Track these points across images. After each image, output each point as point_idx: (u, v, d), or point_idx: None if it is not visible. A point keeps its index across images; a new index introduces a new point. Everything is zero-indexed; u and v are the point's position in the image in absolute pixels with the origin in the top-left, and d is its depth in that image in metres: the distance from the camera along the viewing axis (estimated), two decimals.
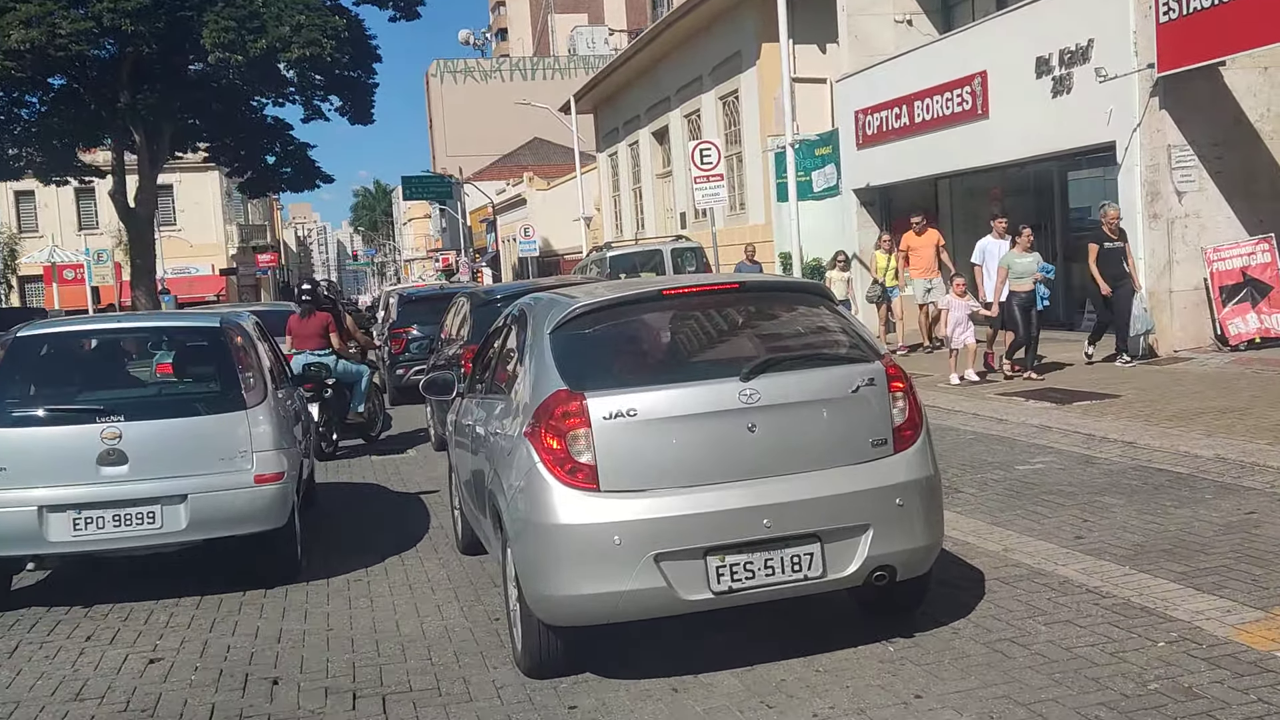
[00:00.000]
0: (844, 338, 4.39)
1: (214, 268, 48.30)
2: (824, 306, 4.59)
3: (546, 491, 3.93)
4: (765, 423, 3.95)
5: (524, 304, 5.00)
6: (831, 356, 4.30)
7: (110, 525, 5.41)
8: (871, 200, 17.81)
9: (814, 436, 4.02)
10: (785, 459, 3.96)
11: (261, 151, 33.91)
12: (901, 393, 4.16)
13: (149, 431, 5.54)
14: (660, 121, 26.60)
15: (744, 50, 21.04)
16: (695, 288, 4.72)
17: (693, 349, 4.63)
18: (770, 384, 3.99)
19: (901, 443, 4.12)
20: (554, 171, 47.35)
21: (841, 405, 4.07)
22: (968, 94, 14.35)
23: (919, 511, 4.10)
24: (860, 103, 17.14)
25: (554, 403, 3.98)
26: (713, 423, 3.94)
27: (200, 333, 6.45)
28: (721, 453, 3.93)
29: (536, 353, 4.29)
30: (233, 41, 26.47)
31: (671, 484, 3.87)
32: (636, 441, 3.90)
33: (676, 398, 3.96)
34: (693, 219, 24.58)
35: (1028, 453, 7.82)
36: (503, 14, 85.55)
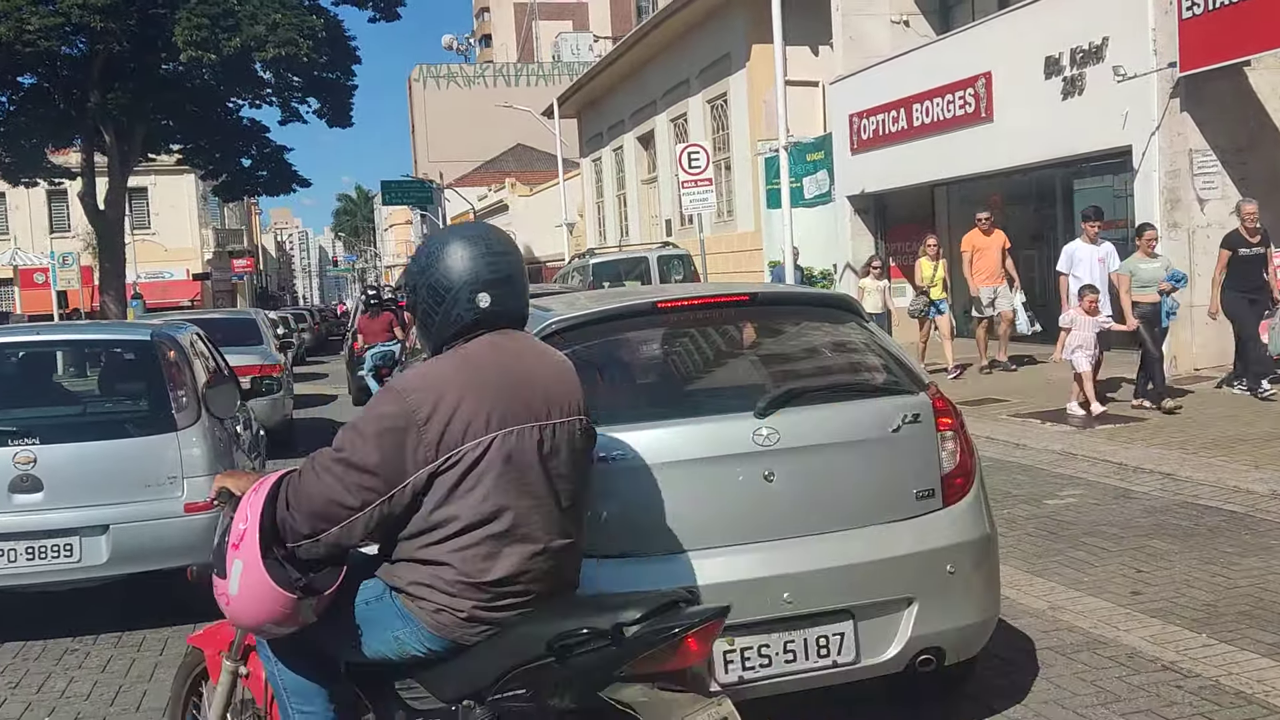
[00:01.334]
0: (880, 363, 3.57)
1: (188, 272, 47.25)
2: (853, 323, 3.71)
3: None
4: (785, 470, 3.17)
5: None
6: (866, 387, 3.50)
7: (23, 558, 4.91)
8: (866, 208, 17.11)
9: (846, 487, 3.24)
10: (810, 516, 3.20)
11: (237, 154, 33.13)
12: (951, 431, 3.36)
13: (67, 455, 5.02)
14: (646, 126, 25.87)
15: (733, 52, 20.34)
16: (697, 299, 3.75)
17: (694, 376, 3.77)
18: (792, 421, 3.20)
19: (952, 494, 3.33)
20: (537, 178, 46.62)
21: (879, 448, 3.28)
22: (971, 96, 13.66)
23: (974, 580, 3.32)
24: (855, 106, 16.44)
25: None
26: (719, 470, 3.16)
27: (128, 346, 5.85)
28: (730, 508, 3.15)
29: None
30: (206, 40, 25.74)
31: (665, 548, 3.09)
32: (626, 493, 3.10)
33: (673, 438, 3.18)
34: (679, 226, 23.83)
35: (1054, 484, 7.07)
36: (487, 20, 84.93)
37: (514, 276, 2.52)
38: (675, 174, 24.08)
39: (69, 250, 30.13)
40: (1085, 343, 9.15)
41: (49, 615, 5.35)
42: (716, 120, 21.77)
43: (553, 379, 2.49)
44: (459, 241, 2.50)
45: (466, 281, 2.44)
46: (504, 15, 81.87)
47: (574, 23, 75.98)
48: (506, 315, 2.50)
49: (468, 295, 2.44)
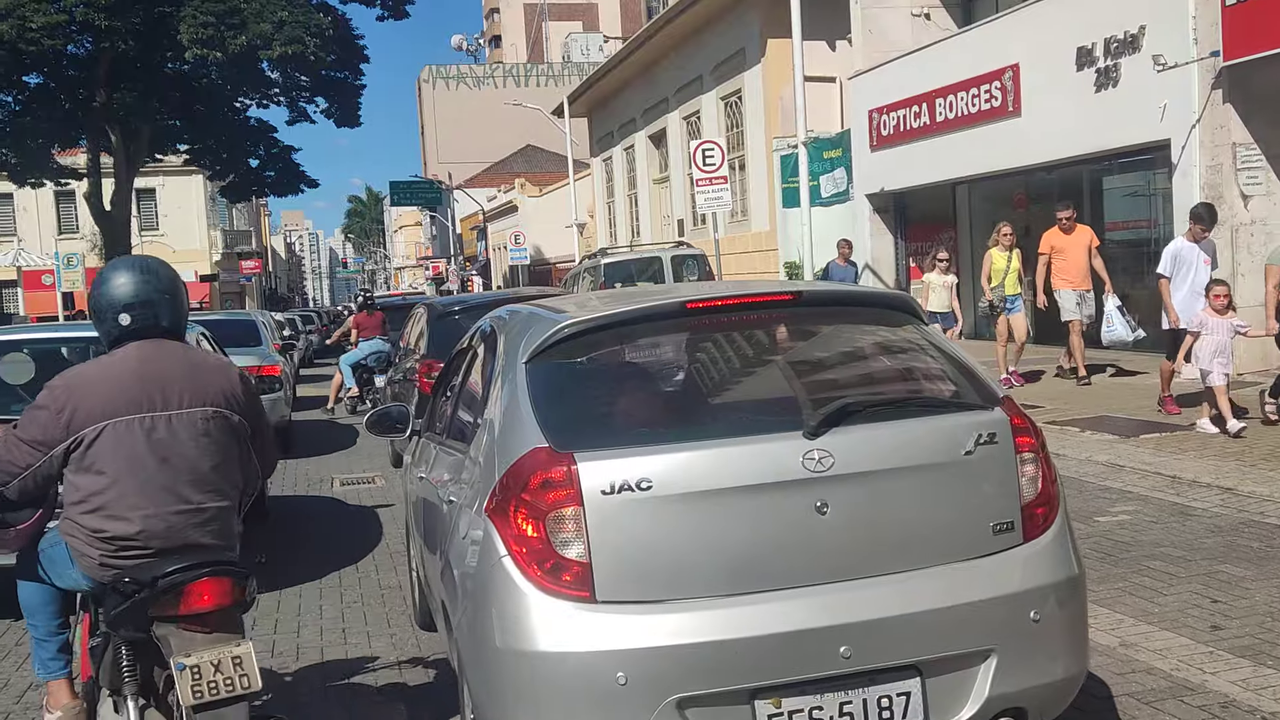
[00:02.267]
0: (947, 373, 3.12)
1: (197, 274, 46.93)
2: (913, 326, 3.25)
3: (515, 600, 2.69)
4: (841, 500, 2.73)
5: (495, 319, 3.68)
6: (933, 401, 3.05)
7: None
8: (885, 206, 16.63)
9: (911, 520, 2.79)
10: (870, 555, 2.75)
11: (245, 154, 32.83)
12: (1031, 453, 2.91)
13: None
14: (658, 124, 25.42)
15: (748, 48, 19.86)
16: (733, 299, 3.27)
17: (730, 390, 3.30)
18: (848, 442, 2.75)
19: (1034, 527, 2.88)
20: (546, 179, 46.20)
21: (950, 474, 2.83)
22: (997, 89, 13.17)
23: (1061, 628, 2.85)
24: (875, 101, 15.96)
25: (528, 467, 2.74)
26: (764, 500, 2.71)
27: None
28: (777, 545, 2.71)
29: (506, 391, 3.03)
30: (211, 38, 25.44)
31: (703, 592, 2.66)
32: (650, 528, 2.67)
33: (710, 463, 2.73)
34: (691, 226, 23.37)
35: (1105, 499, 6.57)
36: (496, 21, 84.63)
37: (154, 300, 3.05)
38: (688, 173, 23.69)
39: (72, 251, 29.72)
40: (1221, 349, 7.78)
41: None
42: (730, 118, 21.30)
43: (184, 379, 3.03)
44: (110, 272, 3.10)
45: (110, 304, 3.03)
46: (514, 16, 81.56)
47: (584, 23, 75.67)
48: (153, 329, 3.05)
49: (112, 316, 3.03)
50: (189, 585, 2.86)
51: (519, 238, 34.32)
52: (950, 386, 3.09)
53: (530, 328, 3.16)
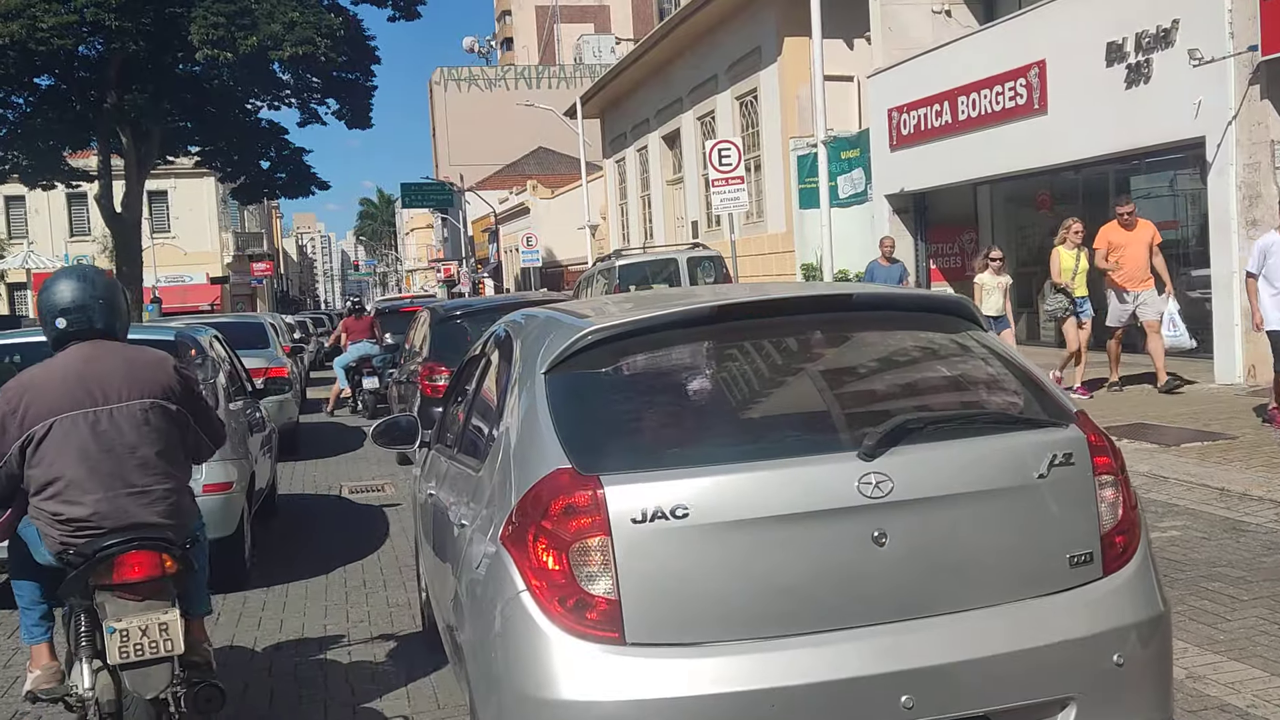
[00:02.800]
0: (1013, 385, 2.84)
1: (208, 276, 46.91)
2: (971, 333, 2.96)
3: (535, 641, 2.43)
4: (902, 529, 2.45)
5: (510, 323, 3.43)
6: (1001, 417, 2.76)
7: None
8: (905, 207, 16.29)
9: (980, 552, 2.51)
10: (935, 591, 2.47)
11: (255, 156, 32.67)
12: (1110, 475, 2.65)
13: None
14: (671, 125, 25.13)
15: (764, 46, 19.56)
16: (775, 302, 3.01)
17: (776, 403, 2.93)
18: (909, 464, 2.48)
19: (1115, 558, 2.61)
20: (558, 181, 46.00)
21: (1022, 499, 2.56)
22: (1022, 86, 12.83)
23: (1146, 672, 2.58)
24: (895, 100, 15.63)
25: (549, 491, 2.47)
26: (816, 530, 2.44)
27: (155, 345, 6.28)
28: (831, 581, 2.44)
29: (524, 404, 2.76)
30: (222, 38, 25.30)
31: (746, 634, 2.39)
32: (687, 561, 2.40)
33: (754, 487, 2.45)
34: (705, 228, 23.07)
35: (1151, 513, 6.23)
36: (508, 23, 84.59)
37: (89, 305, 3.32)
38: (702, 174, 23.41)
39: (82, 253, 29.59)
40: None
41: None
42: (746, 117, 21.00)
43: (121, 375, 3.30)
44: (50, 281, 3.39)
45: (49, 309, 3.32)
46: (525, 18, 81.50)
47: (596, 25, 75.54)
48: (89, 331, 3.33)
49: (51, 319, 3.32)
50: (121, 557, 3.20)
51: (531, 240, 34.08)
52: (1017, 400, 2.81)
53: (550, 334, 2.90)
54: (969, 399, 2.91)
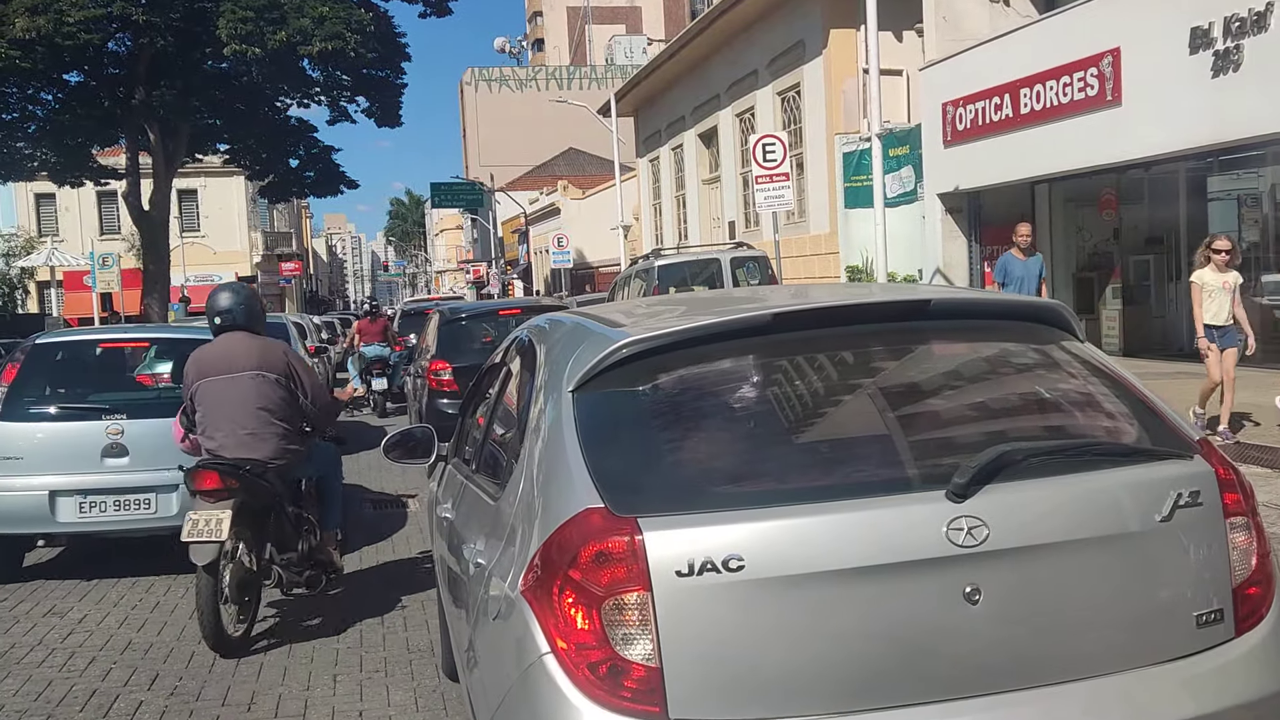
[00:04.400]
0: (1123, 409, 2.43)
1: (237, 276, 46.68)
2: (1071, 348, 2.56)
3: (560, 715, 2.04)
4: (999, 584, 2.08)
5: (534, 329, 3.03)
6: (1113, 449, 2.34)
7: (111, 509, 6.18)
8: (958, 206, 15.44)
9: (1092, 611, 2.14)
10: (1038, 658, 2.09)
11: (284, 154, 32.37)
12: (1243, 518, 2.27)
13: (148, 429, 6.22)
14: (708, 122, 24.37)
15: (807, 39, 18.76)
16: (840, 308, 2.60)
17: (843, 431, 2.45)
18: (1007, 505, 2.10)
19: (1248, 615, 2.23)
20: (589, 183, 45.41)
21: (1142, 545, 2.18)
22: (1093, 77, 11.97)
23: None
24: (950, 93, 14.78)
25: (579, 536, 2.09)
26: (896, 586, 2.06)
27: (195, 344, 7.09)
28: (913, 647, 2.05)
29: (548, 427, 2.36)
30: (250, 33, 24.94)
31: (812, 709, 2.01)
32: (741, 621, 2.03)
33: (821, 534, 2.06)
34: (743, 228, 22.31)
35: None
36: (539, 24, 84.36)
37: (234, 309, 5.21)
38: (739, 173, 22.65)
39: (107, 251, 29.30)
40: None
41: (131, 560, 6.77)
42: (788, 113, 20.20)
43: (248, 355, 5.11)
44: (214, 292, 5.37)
45: (211, 311, 5.27)
46: (556, 19, 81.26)
47: (627, 26, 75.14)
48: (233, 326, 5.21)
49: (212, 317, 5.26)
50: (198, 472, 4.87)
51: (562, 240, 33.46)
52: (1130, 427, 2.41)
53: (579, 345, 2.51)
54: (1072, 426, 2.48)
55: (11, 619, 5.68)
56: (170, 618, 5.57)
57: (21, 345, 6.94)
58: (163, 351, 7.45)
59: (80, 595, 6.10)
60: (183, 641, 5.16)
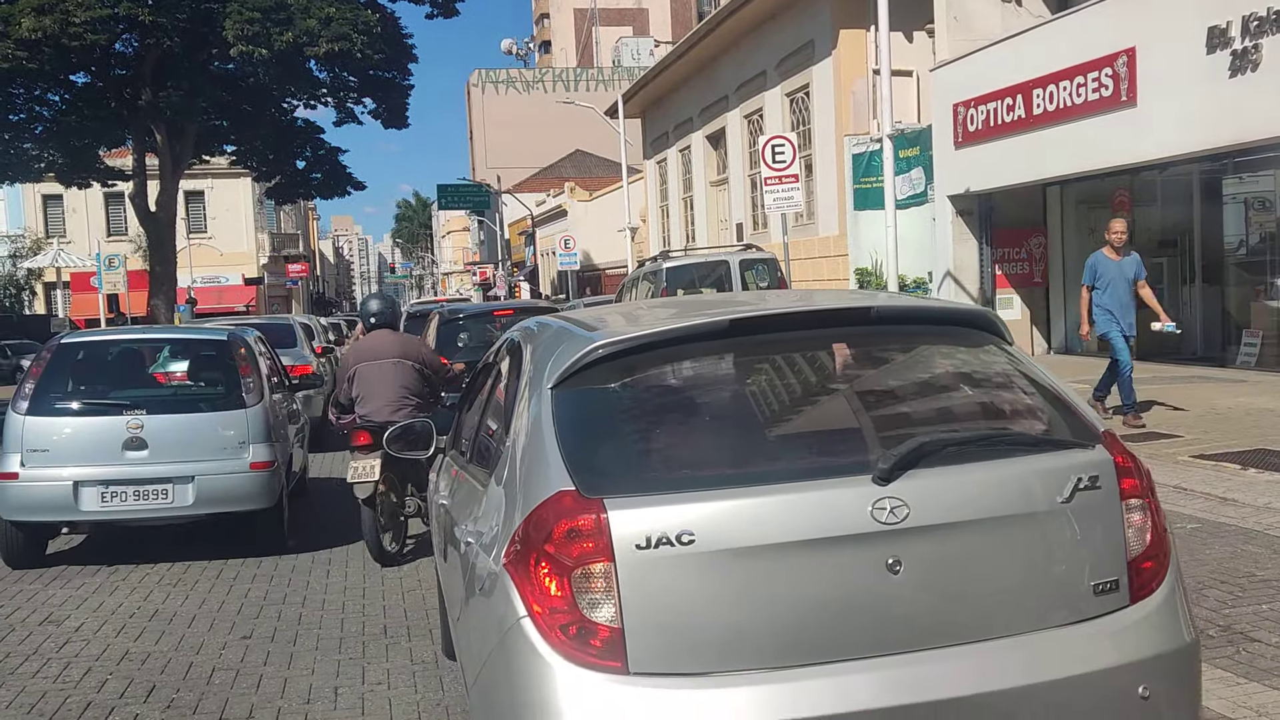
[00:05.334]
0: (1038, 404, 2.73)
1: (243, 277, 46.64)
2: (997, 349, 2.84)
3: (535, 669, 2.35)
4: (918, 556, 2.38)
5: (523, 330, 3.34)
6: (1024, 439, 2.66)
7: (131, 499, 6.53)
8: (970, 209, 15.29)
9: (1000, 580, 2.43)
10: (951, 621, 2.39)
11: (291, 155, 32.30)
12: (1138, 499, 2.56)
13: (166, 424, 6.65)
14: (716, 124, 24.25)
15: (817, 39, 18.63)
16: (790, 315, 2.89)
17: (790, 424, 2.83)
18: (926, 488, 2.40)
19: (1142, 585, 2.51)
20: (596, 184, 45.28)
21: (1045, 524, 2.48)
22: (1108, 77, 11.82)
23: (1173, 707, 2.47)
24: (961, 94, 14.65)
25: (553, 514, 2.40)
26: (827, 558, 2.36)
27: (210, 344, 7.67)
28: (842, 611, 2.36)
29: (530, 419, 2.66)
30: (257, 34, 24.90)
31: (753, 664, 2.32)
32: (693, 588, 2.33)
33: (764, 513, 2.37)
34: (751, 230, 22.18)
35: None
36: (546, 26, 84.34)
37: (383, 311, 6.96)
38: (747, 174, 22.51)
39: (113, 252, 29.28)
40: None
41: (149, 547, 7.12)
42: (797, 114, 20.07)
43: (392, 346, 6.68)
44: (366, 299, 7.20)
45: (364, 314, 7.05)
46: (564, 21, 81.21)
47: (634, 28, 75.03)
48: (382, 324, 6.90)
49: (366, 318, 6.99)
50: (355, 432, 6.51)
51: (569, 242, 33.33)
52: (1043, 420, 2.70)
53: (559, 346, 2.79)
54: (991, 419, 2.82)
55: (7, 627, 5.56)
56: (168, 626, 5.45)
57: (47, 344, 7.25)
58: (178, 351, 7.90)
59: (78, 603, 5.99)
60: (180, 651, 5.04)
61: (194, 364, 7.70)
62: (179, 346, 7.94)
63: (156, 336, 8.59)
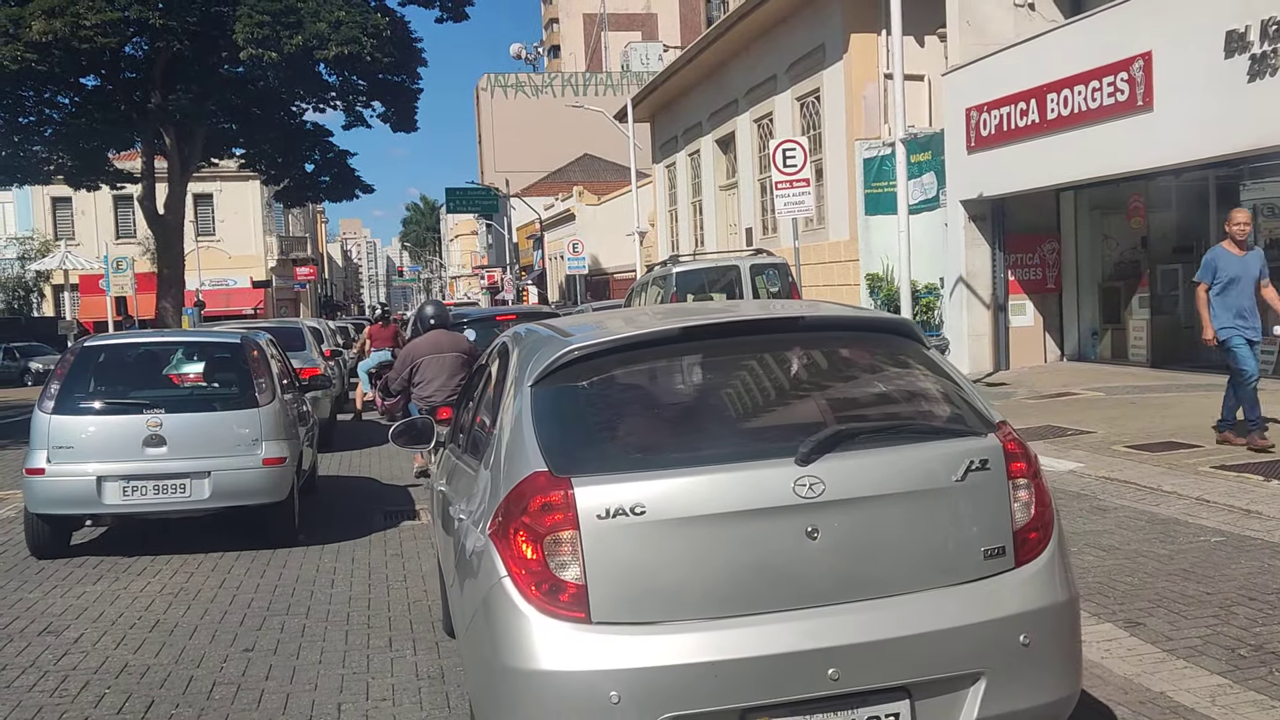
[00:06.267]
0: (944, 399, 3.17)
1: (252, 280, 46.63)
2: (912, 352, 3.30)
3: (514, 620, 2.79)
4: (832, 525, 2.81)
5: (511, 336, 3.82)
6: (926, 428, 3.10)
7: (151, 493, 6.86)
8: (982, 214, 15.14)
9: (902, 546, 2.87)
10: (860, 579, 2.83)
11: (300, 158, 32.28)
12: (1025, 479, 2.99)
13: (183, 422, 6.97)
14: (726, 128, 24.13)
15: (828, 43, 18.51)
16: (731, 322, 3.49)
17: (730, 415, 3.27)
18: (840, 468, 2.84)
19: (1026, 552, 2.95)
20: (604, 189, 45.21)
21: (941, 500, 2.91)
22: (1124, 81, 11.67)
23: (1051, 651, 2.90)
24: (974, 98, 14.51)
25: (529, 491, 2.86)
26: (755, 526, 2.79)
27: (225, 346, 8.01)
28: (768, 570, 2.79)
29: (513, 413, 3.13)
30: (267, 37, 24.88)
31: (695, 614, 2.76)
32: (644, 551, 2.77)
33: (702, 489, 2.81)
34: (760, 234, 22.06)
35: None
36: (555, 31, 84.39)
37: (438, 314, 9.23)
38: (757, 179, 22.38)
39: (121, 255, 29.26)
40: None
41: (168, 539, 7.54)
42: (807, 119, 19.94)
43: (447, 343, 8.92)
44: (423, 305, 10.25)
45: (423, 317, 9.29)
46: (573, 26, 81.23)
47: (643, 33, 74.96)
48: (437, 325, 9.07)
49: (425, 320, 9.18)
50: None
51: (577, 246, 33.25)
52: (946, 412, 3.12)
53: (539, 350, 3.23)
54: (901, 411, 3.22)
55: (5, 637, 5.44)
56: (169, 638, 5.32)
57: (70, 348, 7.68)
58: (195, 354, 8.27)
59: (78, 613, 5.86)
60: (180, 665, 4.92)
61: (210, 366, 8.06)
62: (195, 349, 8.31)
63: (174, 340, 9.05)
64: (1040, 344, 15.31)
